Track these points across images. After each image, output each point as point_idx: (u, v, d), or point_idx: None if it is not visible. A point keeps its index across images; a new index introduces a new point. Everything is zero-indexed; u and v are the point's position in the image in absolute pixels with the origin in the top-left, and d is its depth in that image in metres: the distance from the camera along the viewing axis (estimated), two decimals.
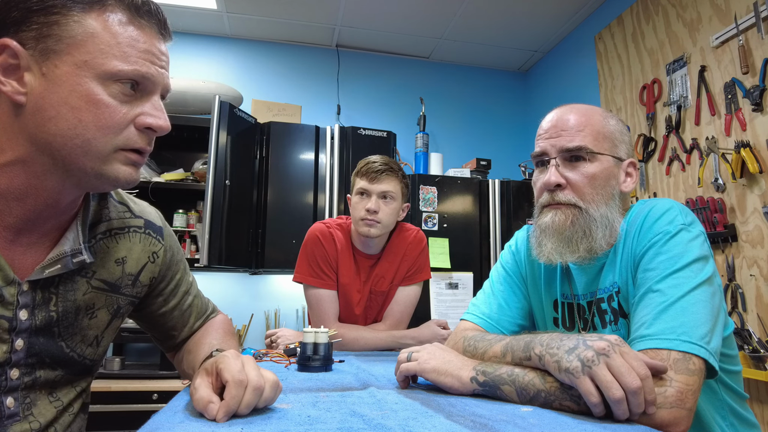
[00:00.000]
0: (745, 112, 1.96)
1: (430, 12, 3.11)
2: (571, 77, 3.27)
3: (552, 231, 0.94)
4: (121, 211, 0.85)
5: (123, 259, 0.83)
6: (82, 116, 0.64)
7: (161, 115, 0.70)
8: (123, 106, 0.67)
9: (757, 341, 1.80)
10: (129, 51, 0.67)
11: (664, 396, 0.68)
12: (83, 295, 0.76)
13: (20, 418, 0.69)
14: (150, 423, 0.61)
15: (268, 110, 3.18)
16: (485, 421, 0.64)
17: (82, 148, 0.65)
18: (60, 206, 0.71)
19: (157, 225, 0.92)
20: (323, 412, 0.68)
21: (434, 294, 2.71)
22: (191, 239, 2.89)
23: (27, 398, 0.71)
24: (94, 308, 0.79)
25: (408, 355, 0.90)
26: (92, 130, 0.65)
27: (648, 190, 2.46)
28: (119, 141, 0.67)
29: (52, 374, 0.74)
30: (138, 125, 0.68)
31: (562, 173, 0.94)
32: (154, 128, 0.70)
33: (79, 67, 0.64)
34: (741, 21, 1.98)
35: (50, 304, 0.72)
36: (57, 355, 0.74)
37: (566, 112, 0.97)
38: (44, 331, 0.72)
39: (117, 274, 0.82)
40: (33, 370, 0.72)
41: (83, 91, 0.64)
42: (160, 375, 2.51)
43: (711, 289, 0.79)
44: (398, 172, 1.63)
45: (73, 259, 0.72)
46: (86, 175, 0.67)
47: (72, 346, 0.76)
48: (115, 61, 0.65)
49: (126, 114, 0.67)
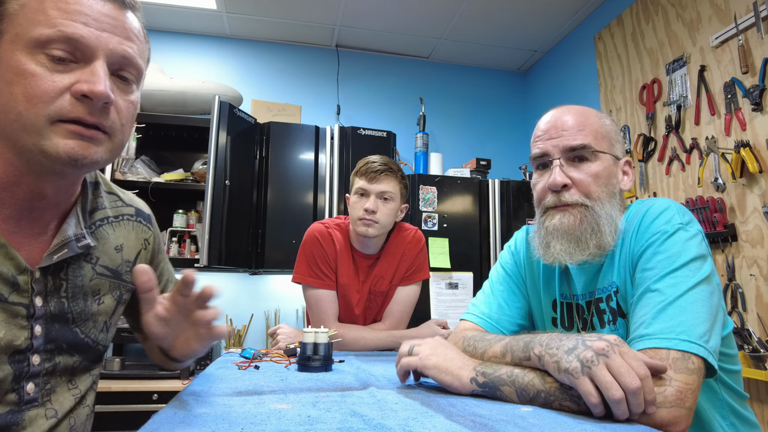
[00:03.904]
0: (745, 112, 1.96)
1: (430, 12, 3.11)
2: (570, 77, 3.27)
3: (561, 233, 0.93)
4: (112, 200, 0.86)
5: (121, 246, 0.84)
6: (13, 89, 0.62)
7: (97, 80, 0.64)
8: (53, 74, 0.63)
9: (757, 341, 1.80)
10: (54, 13, 0.63)
11: (663, 395, 0.68)
12: (90, 281, 0.78)
13: (38, 403, 0.70)
14: (150, 423, 0.61)
15: (267, 110, 3.19)
16: (485, 421, 0.64)
17: (18, 122, 0.62)
18: (47, 196, 0.71)
19: (146, 213, 0.93)
20: (323, 412, 0.68)
21: (434, 294, 2.71)
22: (191, 239, 2.89)
23: (48, 384, 0.72)
24: (100, 294, 0.80)
25: (410, 348, 0.89)
26: (22, 102, 0.62)
27: (648, 190, 2.46)
28: (51, 111, 0.62)
29: (70, 360, 0.75)
30: (73, 93, 0.63)
31: (566, 173, 0.93)
32: (87, 94, 0.63)
33: (13, 42, 0.63)
34: (741, 21, 1.98)
35: (61, 290, 0.73)
36: (73, 341, 0.75)
37: (563, 113, 0.97)
38: (59, 317, 0.73)
39: (117, 260, 0.83)
40: (52, 356, 0.73)
41: (14, 64, 0.62)
42: (160, 375, 2.50)
43: (709, 287, 0.79)
44: (397, 173, 1.62)
45: (78, 243, 0.73)
46: (32, 153, 0.64)
47: (86, 332, 0.77)
48: (39, 27, 0.62)
49: (56, 82, 0.63)
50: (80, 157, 0.64)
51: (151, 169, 2.87)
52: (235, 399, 0.75)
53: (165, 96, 2.85)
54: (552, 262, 0.96)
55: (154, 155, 2.96)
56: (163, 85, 2.85)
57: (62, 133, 0.64)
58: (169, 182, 2.83)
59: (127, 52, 0.68)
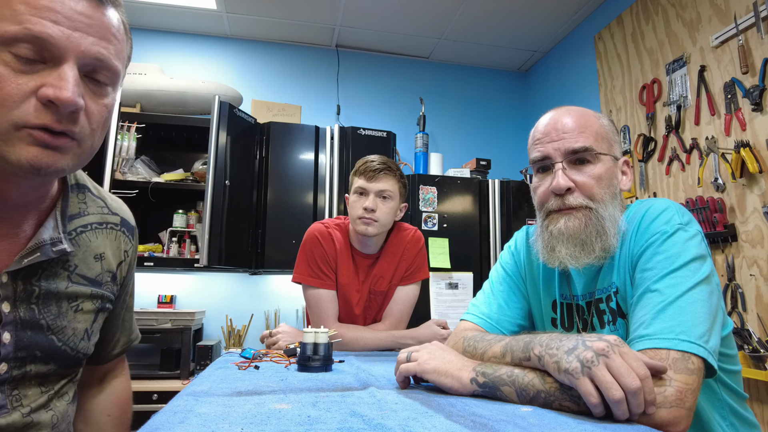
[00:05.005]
0: (745, 112, 1.96)
1: (430, 12, 3.11)
2: (570, 77, 3.27)
3: (567, 236, 0.92)
4: (99, 206, 0.83)
5: (102, 255, 0.81)
6: None
7: (65, 85, 0.59)
8: (18, 76, 0.58)
9: (757, 341, 1.80)
10: (21, 8, 0.57)
11: (663, 396, 0.68)
12: (66, 289, 0.74)
13: (8, 410, 0.68)
14: (150, 423, 0.61)
15: (267, 110, 3.19)
16: (485, 421, 0.64)
17: None
18: (13, 198, 0.67)
19: (131, 224, 0.90)
20: (323, 412, 0.68)
21: (434, 294, 2.71)
22: (191, 239, 2.89)
23: (15, 391, 0.69)
24: (77, 301, 0.76)
25: (407, 355, 0.90)
26: None
27: (648, 190, 2.46)
28: (16, 116, 0.57)
29: (44, 368, 0.72)
30: (39, 98, 0.58)
31: (569, 176, 0.93)
32: (53, 100, 0.58)
33: None
34: (741, 21, 1.98)
35: (32, 296, 0.70)
36: (48, 349, 0.72)
37: (562, 115, 0.96)
38: (31, 324, 0.69)
39: (97, 269, 0.79)
40: (23, 364, 0.69)
41: None
42: (160, 375, 2.51)
43: (709, 287, 0.80)
44: (396, 172, 1.63)
45: (53, 248, 0.69)
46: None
47: (64, 340, 0.74)
48: (3, 23, 0.57)
49: (21, 85, 0.58)
50: (44, 166, 0.60)
51: (151, 169, 2.87)
52: (235, 399, 0.75)
53: (165, 96, 2.85)
54: (557, 265, 0.95)
55: (154, 155, 2.96)
56: (163, 85, 2.85)
57: (26, 140, 0.59)
58: (169, 182, 2.84)
59: (102, 54, 0.63)
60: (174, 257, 2.78)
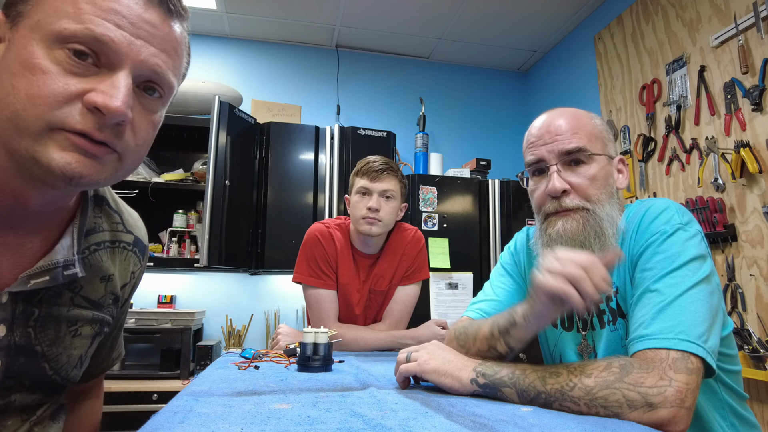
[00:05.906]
0: (745, 112, 1.96)
1: (430, 12, 3.11)
2: (570, 77, 3.27)
3: (565, 239, 0.92)
4: (115, 221, 0.76)
5: (109, 277, 0.74)
6: (15, 82, 0.53)
7: (116, 93, 0.54)
8: (68, 76, 0.53)
9: (757, 341, 1.80)
10: (85, 8, 0.54)
11: (663, 395, 0.69)
12: (67, 312, 0.67)
13: None
14: (150, 423, 0.61)
15: (267, 110, 3.19)
16: (485, 421, 0.64)
17: (12, 121, 0.53)
18: (32, 206, 0.61)
19: (143, 243, 0.83)
20: (323, 412, 0.68)
21: (434, 294, 2.71)
22: (191, 239, 2.89)
23: None
24: (77, 325, 0.69)
25: (407, 356, 0.90)
26: (22, 99, 0.52)
27: (648, 190, 2.46)
28: (54, 117, 0.53)
29: (29, 398, 0.66)
30: (85, 102, 0.54)
31: (564, 178, 0.93)
32: (100, 108, 0.54)
33: (32, 29, 0.54)
34: (740, 21, 1.98)
35: (30, 318, 0.63)
36: (38, 378, 0.65)
37: (555, 117, 0.97)
38: (25, 350, 0.63)
39: (101, 291, 0.73)
40: (9, 394, 0.62)
41: (24, 54, 0.53)
42: (160, 375, 2.51)
43: (709, 287, 0.80)
44: (397, 172, 1.65)
45: (65, 272, 0.63)
46: (23, 159, 0.54)
47: (56, 368, 0.67)
48: (65, 20, 0.53)
49: (69, 86, 0.53)
50: (77, 176, 0.54)
51: (151, 169, 2.87)
52: (235, 399, 0.75)
53: None
54: None
55: (154, 155, 2.96)
56: None
57: (62, 143, 0.54)
58: (169, 182, 2.83)
59: (160, 67, 0.59)
60: (174, 257, 2.78)
